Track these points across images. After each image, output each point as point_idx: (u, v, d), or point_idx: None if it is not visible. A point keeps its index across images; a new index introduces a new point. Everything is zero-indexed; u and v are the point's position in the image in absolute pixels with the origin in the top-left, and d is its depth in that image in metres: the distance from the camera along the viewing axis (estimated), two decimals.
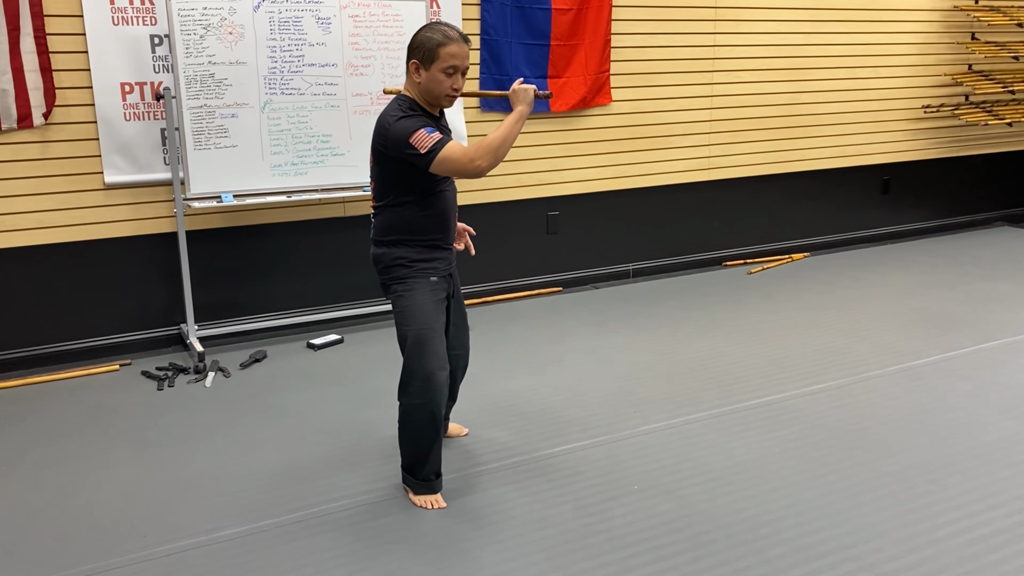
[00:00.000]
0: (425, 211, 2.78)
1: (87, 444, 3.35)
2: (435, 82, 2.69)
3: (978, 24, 6.44)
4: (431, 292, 2.81)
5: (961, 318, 4.76)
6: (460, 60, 2.68)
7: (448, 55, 2.66)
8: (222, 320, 4.51)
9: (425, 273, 2.81)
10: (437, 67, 2.67)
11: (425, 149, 2.60)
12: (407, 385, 2.81)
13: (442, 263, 2.87)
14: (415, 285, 2.80)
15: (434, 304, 2.82)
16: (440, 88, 2.70)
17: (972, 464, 3.12)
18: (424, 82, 2.70)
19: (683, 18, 5.42)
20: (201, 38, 3.93)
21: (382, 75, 4.35)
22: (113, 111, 4.07)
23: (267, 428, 3.48)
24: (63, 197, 4.08)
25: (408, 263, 2.80)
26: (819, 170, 6.22)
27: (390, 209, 2.78)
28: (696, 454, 3.21)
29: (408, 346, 2.80)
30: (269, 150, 4.18)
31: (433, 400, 2.78)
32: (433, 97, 2.73)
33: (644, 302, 5.16)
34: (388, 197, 2.77)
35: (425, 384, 2.77)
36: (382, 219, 2.81)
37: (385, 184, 2.77)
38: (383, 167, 2.74)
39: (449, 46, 2.65)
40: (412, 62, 2.71)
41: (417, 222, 2.78)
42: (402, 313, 2.80)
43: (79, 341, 4.25)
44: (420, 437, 2.83)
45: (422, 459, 2.86)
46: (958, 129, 6.73)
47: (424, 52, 2.67)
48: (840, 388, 3.82)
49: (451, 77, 2.69)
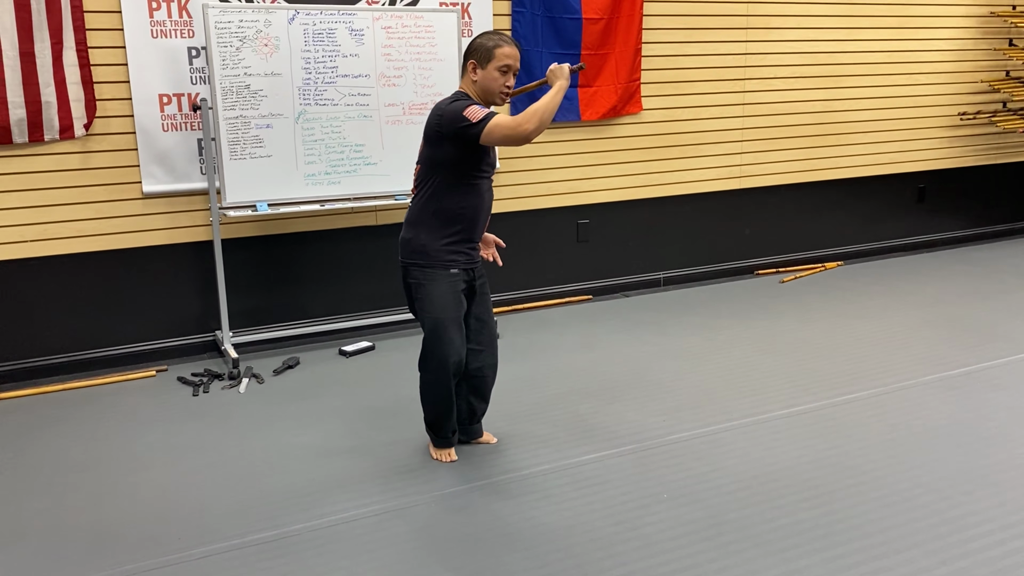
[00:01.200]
0: (459, 201, 3.00)
1: (125, 447, 3.42)
2: (491, 79, 2.97)
3: (1016, 30, 6.36)
4: (450, 283, 3.04)
5: (997, 328, 4.69)
6: (513, 60, 2.97)
7: (503, 55, 2.95)
8: (256, 327, 4.58)
9: (446, 264, 3.03)
10: (493, 65, 2.95)
11: (477, 119, 2.83)
12: (425, 362, 3.13)
13: (464, 257, 3.06)
14: (435, 276, 3.03)
15: (453, 294, 3.05)
16: (495, 84, 2.97)
17: (1006, 476, 3.07)
18: (480, 80, 2.98)
19: (714, 26, 5.41)
20: (237, 50, 4.00)
21: (414, 85, 4.40)
22: (151, 122, 4.16)
23: (300, 433, 3.53)
24: (102, 206, 4.18)
25: (432, 251, 3.02)
26: (852, 178, 6.17)
27: (427, 193, 3.01)
28: (727, 463, 3.20)
29: (427, 331, 3.09)
30: (303, 160, 4.24)
31: (447, 377, 3.10)
32: (488, 93, 2.99)
33: (675, 311, 5.15)
34: (429, 180, 3.00)
35: (440, 365, 3.08)
36: (417, 202, 3.05)
37: (429, 167, 2.99)
38: (434, 147, 2.96)
39: (504, 47, 2.96)
40: (470, 62, 2.99)
41: (449, 210, 3.00)
42: (421, 300, 3.07)
43: (117, 347, 4.33)
44: (437, 404, 3.18)
45: (439, 420, 3.21)
46: (995, 136, 6.64)
47: (482, 52, 2.96)
48: (873, 398, 3.78)
49: (504, 75, 2.97)
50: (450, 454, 3.26)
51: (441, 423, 3.22)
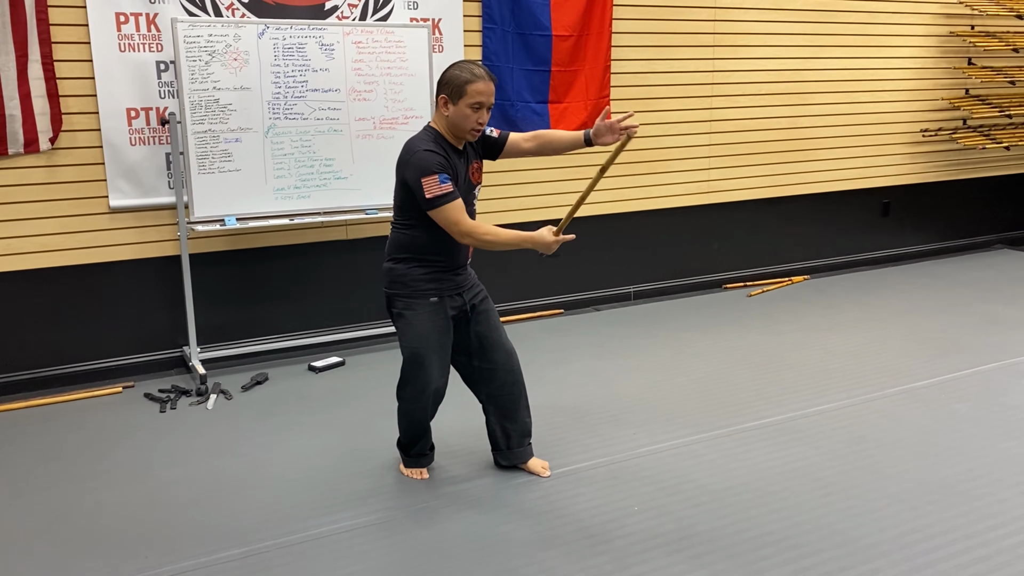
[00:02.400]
0: (435, 235, 2.91)
1: (90, 465, 3.37)
2: (462, 116, 2.85)
3: (974, 49, 6.51)
4: (430, 312, 2.97)
5: (961, 340, 4.77)
6: (486, 97, 2.84)
7: (475, 91, 2.82)
8: (225, 343, 4.54)
9: (425, 294, 2.95)
10: (465, 102, 2.83)
11: (431, 196, 2.79)
12: (402, 390, 3.11)
13: (448, 283, 2.99)
14: (415, 305, 2.96)
15: (433, 324, 2.97)
16: (466, 122, 2.86)
17: (972, 485, 3.12)
18: (452, 116, 2.86)
19: (682, 44, 5.48)
20: (206, 64, 3.99)
21: (385, 100, 4.41)
22: (119, 136, 4.12)
23: (267, 450, 3.49)
24: (68, 221, 4.12)
25: (411, 281, 2.95)
26: (818, 193, 6.26)
27: (404, 228, 2.96)
28: (697, 475, 3.22)
29: (405, 361, 3.05)
30: (272, 174, 4.22)
31: (423, 406, 3.10)
32: (458, 130, 2.89)
33: (645, 324, 5.18)
34: (403, 217, 2.95)
35: (417, 394, 3.07)
36: (396, 236, 3.00)
37: (402, 205, 2.94)
38: (403, 190, 2.92)
39: (477, 83, 2.82)
40: (441, 97, 2.87)
41: (427, 244, 2.94)
42: (401, 330, 3.02)
43: (83, 364, 4.27)
44: (412, 428, 3.17)
45: (413, 442, 3.21)
46: (956, 153, 6.78)
47: (453, 88, 2.83)
48: (841, 409, 3.83)
49: (477, 112, 2.85)
50: (421, 472, 3.24)
51: (414, 443, 3.21)
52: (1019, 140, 6.63)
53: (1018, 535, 2.79)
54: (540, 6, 4.98)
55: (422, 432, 3.19)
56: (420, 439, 3.20)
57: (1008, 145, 6.57)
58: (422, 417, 3.14)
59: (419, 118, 4.48)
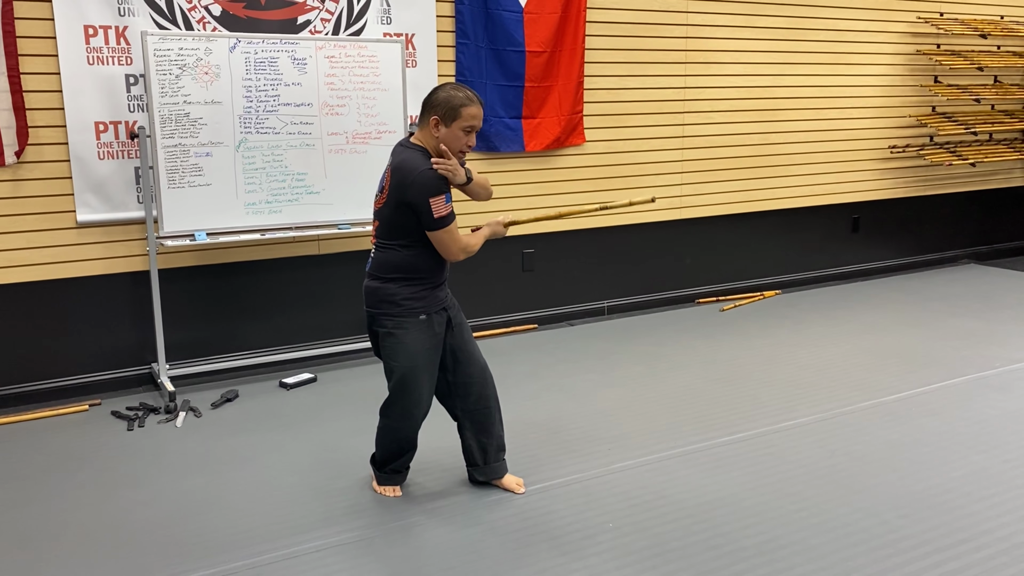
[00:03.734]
0: (427, 253, 2.93)
1: (55, 486, 3.30)
2: (453, 138, 2.87)
3: (940, 68, 6.63)
4: (421, 331, 2.95)
5: (930, 354, 4.83)
6: (478, 120, 2.89)
7: (470, 115, 2.86)
8: (194, 359, 4.48)
9: (415, 312, 2.93)
10: (458, 125, 2.85)
11: (439, 216, 2.82)
12: (389, 409, 3.07)
13: (434, 301, 2.98)
14: (406, 324, 2.94)
15: (424, 342, 2.95)
16: (456, 144, 2.88)
17: (942, 499, 3.15)
18: (443, 137, 2.87)
19: (654, 60, 5.53)
20: (177, 78, 3.95)
21: (358, 115, 4.39)
22: (87, 150, 4.06)
23: (237, 468, 3.44)
24: (34, 236, 4.06)
25: (401, 300, 2.93)
26: (789, 209, 6.32)
27: (395, 249, 2.93)
28: (671, 491, 3.21)
29: (394, 381, 3.00)
30: (243, 188, 4.19)
31: (409, 426, 3.08)
32: (451, 149, 2.89)
33: (619, 339, 5.18)
34: (395, 238, 2.92)
35: (405, 414, 3.05)
36: (385, 256, 2.95)
37: (394, 227, 2.91)
38: (397, 211, 2.87)
39: (471, 107, 2.85)
40: (433, 117, 2.86)
41: (420, 263, 2.93)
42: (392, 349, 2.96)
43: (48, 381, 4.19)
44: (393, 447, 3.14)
45: (391, 461, 3.18)
46: (924, 169, 6.88)
47: (447, 109, 2.84)
48: (812, 424, 3.85)
49: (468, 135, 2.89)
50: (395, 490, 3.20)
51: (391, 461, 3.18)
52: (984, 157, 6.75)
53: (988, 548, 2.81)
54: (513, 22, 4.99)
55: (407, 449, 3.16)
56: (401, 456, 3.17)
57: (974, 162, 6.68)
58: (410, 435, 3.11)
59: (392, 132, 4.47)
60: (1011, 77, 7.08)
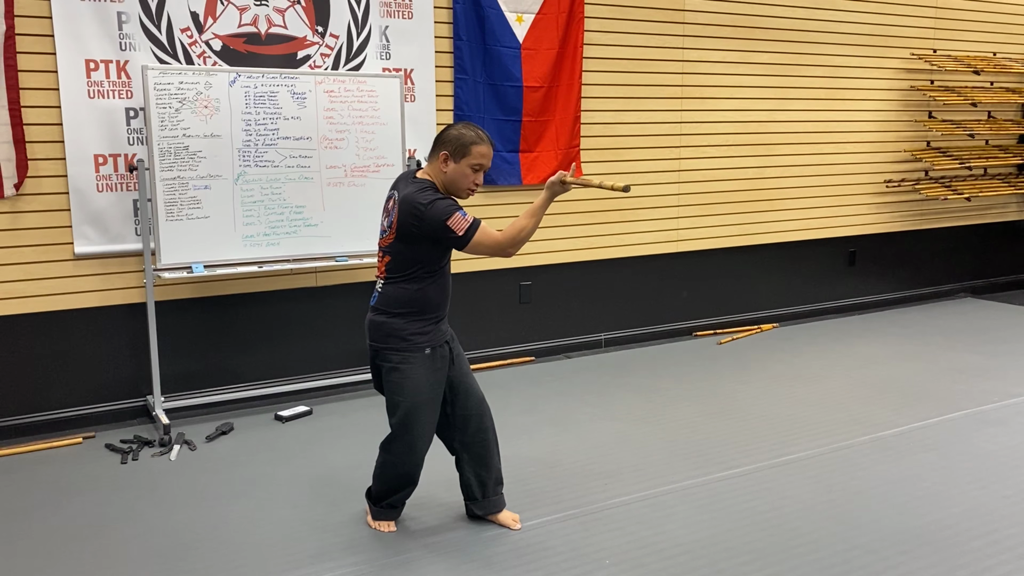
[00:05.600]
0: (435, 286, 2.94)
1: (46, 520, 3.26)
2: (461, 175, 2.89)
3: (934, 103, 6.69)
4: (426, 365, 2.94)
5: (928, 388, 4.81)
6: (487, 159, 2.92)
7: (479, 154, 2.89)
8: (190, 392, 4.46)
9: (420, 346, 2.93)
10: (467, 162, 2.88)
11: (462, 231, 2.80)
12: (391, 444, 3.03)
13: (438, 334, 2.97)
14: (411, 359, 2.93)
15: (429, 376, 2.95)
16: (464, 181, 2.91)
17: (942, 535, 3.12)
18: (450, 172, 2.89)
19: (650, 95, 5.58)
20: (176, 111, 3.98)
21: (357, 148, 4.42)
22: (86, 182, 4.08)
23: (231, 502, 3.41)
24: (31, 267, 4.06)
25: (407, 335, 2.92)
26: (786, 242, 6.34)
27: (402, 284, 2.92)
28: (668, 526, 3.19)
29: (399, 415, 2.97)
30: (241, 221, 4.20)
31: (412, 462, 3.04)
32: (454, 187, 2.92)
33: (616, 372, 5.17)
34: (404, 272, 2.91)
35: (408, 450, 3.01)
36: (393, 291, 2.94)
37: (404, 261, 2.90)
38: (410, 245, 2.87)
39: (481, 146, 2.89)
40: (443, 153, 2.89)
41: (427, 297, 2.93)
42: (397, 384, 2.95)
43: (43, 413, 4.17)
44: (393, 483, 3.10)
45: (388, 496, 3.13)
46: (920, 203, 6.92)
47: (457, 146, 2.87)
48: (810, 459, 3.83)
49: (476, 173, 2.91)
50: (389, 525, 3.17)
51: (387, 497, 3.14)
52: (979, 191, 6.79)
53: None
54: (511, 58, 5.05)
55: (407, 485, 3.12)
56: (400, 491, 3.13)
57: (969, 196, 6.72)
58: (411, 471, 3.07)
59: (391, 166, 4.50)
60: (1004, 113, 7.15)
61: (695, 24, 5.65)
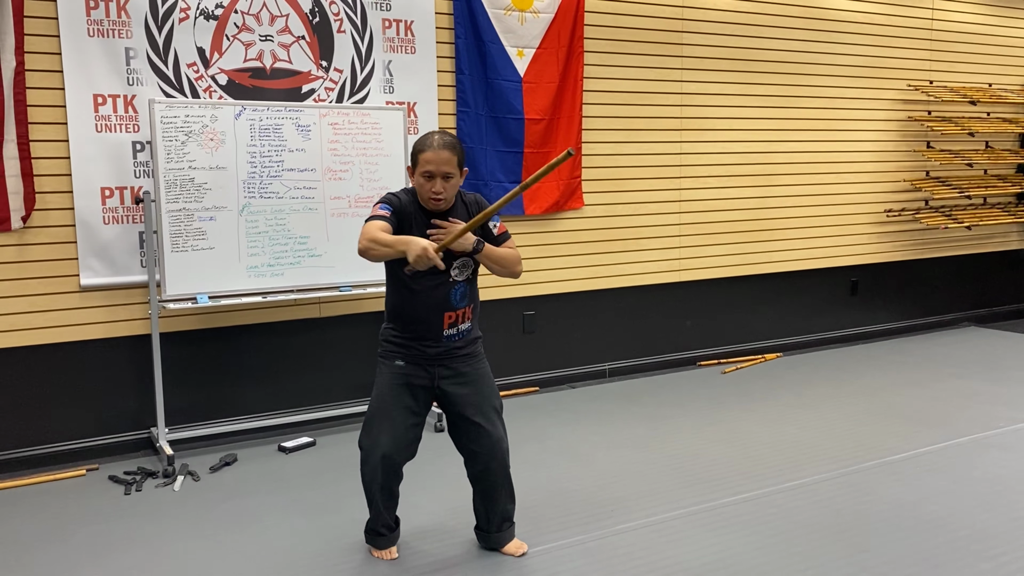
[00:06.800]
0: (407, 301, 2.94)
1: (48, 552, 3.25)
2: (419, 185, 2.86)
3: (932, 134, 6.75)
4: (392, 376, 2.97)
5: (933, 415, 4.80)
6: (435, 166, 2.77)
7: (424, 160, 2.79)
8: (194, 423, 4.45)
9: (392, 356, 2.98)
10: (418, 171, 2.83)
11: (367, 217, 2.83)
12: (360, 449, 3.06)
13: (414, 352, 2.96)
14: (382, 367, 3.01)
15: (392, 389, 2.97)
16: (423, 191, 2.85)
17: (949, 559, 3.09)
18: (414, 184, 2.89)
19: (650, 127, 5.64)
20: (183, 144, 4.03)
21: (360, 179, 4.46)
22: (92, 215, 4.12)
23: (235, 533, 3.39)
24: (37, 300, 4.08)
25: (383, 341, 3.02)
26: (788, 272, 6.36)
27: (388, 291, 3.01)
28: (675, 552, 3.16)
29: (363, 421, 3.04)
30: (246, 252, 4.23)
31: (368, 473, 3.01)
32: (423, 200, 2.88)
33: (620, 401, 5.16)
34: (386, 278, 3.01)
35: (365, 457, 3.01)
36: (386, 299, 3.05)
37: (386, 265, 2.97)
38: None
39: (426, 152, 2.78)
40: (408, 166, 2.94)
41: (400, 309, 2.97)
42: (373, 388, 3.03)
43: (47, 445, 4.16)
44: (366, 493, 3.07)
45: (371, 514, 3.11)
46: (920, 232, 6.94)
47: (412, 156, 2.87)
48: (817, 484, 3.80)
49: (429, 181, 2.80)
50: (390, 552, 3.13)
51: (375, 520, 3.11)
52: (980, 220, 6.82)
53: None
54: (512, 91, 5.12)
55: (372, 501, 3.05)
56: (372, 507, 3.07)
57: (969, 225, 6.75)
58: (370, 483, 3.00)
59: None
60: (1002, 143, 7.21)
61: (693, 57, 5.73)
